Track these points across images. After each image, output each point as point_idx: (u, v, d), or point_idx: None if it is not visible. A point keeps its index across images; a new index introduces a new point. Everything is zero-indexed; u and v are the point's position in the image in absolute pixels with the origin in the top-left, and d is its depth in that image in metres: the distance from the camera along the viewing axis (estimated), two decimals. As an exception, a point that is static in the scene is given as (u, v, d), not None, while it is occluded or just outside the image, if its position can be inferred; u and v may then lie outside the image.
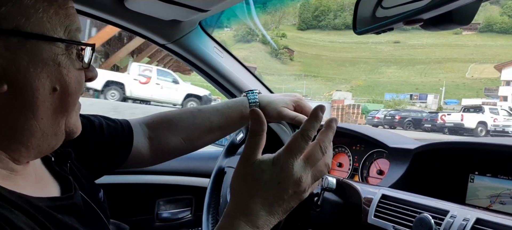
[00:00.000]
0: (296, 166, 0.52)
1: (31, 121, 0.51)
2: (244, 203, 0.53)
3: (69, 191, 0.61)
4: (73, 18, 0.55)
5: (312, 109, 0.55)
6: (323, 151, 0.55)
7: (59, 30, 0.52)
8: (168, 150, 0.92)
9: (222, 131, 0.96)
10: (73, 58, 0.54)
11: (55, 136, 0.55)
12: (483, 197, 0.91)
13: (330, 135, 0.56)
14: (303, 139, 0.52)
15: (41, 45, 0.50)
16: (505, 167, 0.90)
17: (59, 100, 0.53)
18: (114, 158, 0.85)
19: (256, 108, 0.54)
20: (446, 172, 1.01)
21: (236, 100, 0.97)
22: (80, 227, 0.56)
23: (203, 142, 0.96)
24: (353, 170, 1.25)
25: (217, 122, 0.94)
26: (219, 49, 1.35)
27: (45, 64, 0.50)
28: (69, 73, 0.53)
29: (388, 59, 76.35)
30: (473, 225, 0.72)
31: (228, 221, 0.52)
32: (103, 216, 0.67)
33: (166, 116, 0.94)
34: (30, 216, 0.48)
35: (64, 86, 0.53)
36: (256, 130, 0.53)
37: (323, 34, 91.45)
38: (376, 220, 0.88)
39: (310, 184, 0.55)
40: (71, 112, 0.56)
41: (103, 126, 0.82)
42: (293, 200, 0.54)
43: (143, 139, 0.90)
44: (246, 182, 0.53)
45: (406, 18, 0.54)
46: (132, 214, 1.49)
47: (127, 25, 1.19)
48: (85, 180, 0.69)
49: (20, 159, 0.53)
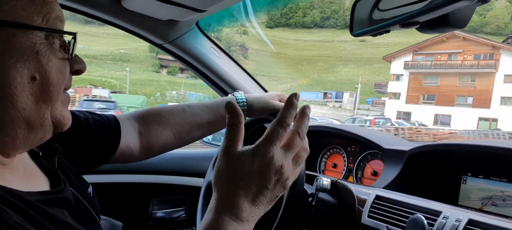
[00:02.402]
0: (277, 154, 0.52)
1: (11, 110, 0.50)
2: (227, 197, 0.52)
3: (58, 185, 0.60)
4: (52, 6, 0.53)
5: (287, 97, 0.56)
6: (301, 136, 0.55)
7: (36, 18, 0.51)
8: (158, 144, 0.93)
9: (211, 126, 0.99)
10: (55, 48, 0.53)
11: (42, 127, 0.54)
12: (476, 198, 0.93)
13: (306, 121, 0.57)
14: (281, 126, 0.53)
15: (16, 33, 0.49)
16: (497, 169, 0.91)
17: (39, 89, 0.52)
18: (102, 152, 0.85)
19: (231, 101, 0.54)
20: (439, 173, 1.02)
21: (225, 98, 1.02)
22: (72, 221, 0.56)
23: (192, 137, 0.98)
24: (347, 171, 1.26)
25: (207, 117, 0.97)
26: (216, 49, 1.36)
27: (21, 53, 0.49)
28: (49, 62, 0.52)
29: (348, 58, 74.55)
30: (465, 226, 0.73)
31: (212, 217, 0.52)
32: (93, 211, 0.66)
33: (157, 111, 0.95)
34: (20, 211, 0.47)
35: (44, 75, 0.51)
36: (233, 121, 0.53)
37: (291, 32, 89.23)
38: (370, 220, 0.89)
39: (292, 171, 0.55)
40: (55, 103, 0.55)
41: (89, 120, 0.82)
42: (277, 189, 0.54)
43: (133, 134, 0.90)
44: (227, 175, 0.53)
45: (402, 21, 0.54)
46: (126, 213, 1.48)
47: (124, 25, 1.19)
48: (73, 175, 0.69)
49: (7, 151, 0.52)
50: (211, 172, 1.22)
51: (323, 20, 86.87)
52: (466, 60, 34.88)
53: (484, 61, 33.84)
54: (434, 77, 36.48)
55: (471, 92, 34.21)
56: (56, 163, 0.66)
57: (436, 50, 36.57)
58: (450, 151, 1.01)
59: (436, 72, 36.16)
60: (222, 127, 1.02)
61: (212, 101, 1.00)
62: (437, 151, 1.02)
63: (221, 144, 0.55)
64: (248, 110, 1.01)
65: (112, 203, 1.38)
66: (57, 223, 0.52)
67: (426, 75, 36.86)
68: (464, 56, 35.24)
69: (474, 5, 0.47)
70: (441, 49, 36.77)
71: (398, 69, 38.39)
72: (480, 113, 32.40)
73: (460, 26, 0.51)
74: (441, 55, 36.47)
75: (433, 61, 36.53)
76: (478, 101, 33.23)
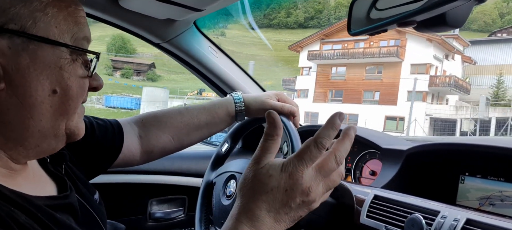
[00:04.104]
0: (306, 175, 0.50)
1: (29, 120, 0.51)
2: (249, 207, 0.51)
3: (65, 191, 0.61)
4: (82, 27, 0.55)
5: (330, 116, 0.53)
6: (338, 161, 0.52)
7: (66, 36, 0.53)
8: (158, 148, 0.94)
9: (209, 128, 0.99)
10: (78, 65, 0.55)
11: (55, 137, 0.55)
12: (473, 198, 0.93)
13: (347, 145, 0.53)
14: (316, 147, 0.50)
15: (44, 48, 0.51)
16: (495, 168, 0.91)
17: (59, 102, 0.53)
18: (106, 157, 0.85)
19: (273, 111, 0.52)
20: (437, 173, 1.02)
21: (222, 99, 1.02)
22: (77, 227, 0.56)
23: (191, 140, 0.98)
24: (346, 171, 1.26)
25: (204, 119, 0.97)
26: (214, 49, 1.35)
27: (46, 66, 0.51)
28: (70, 77, 0.54)
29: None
30: (464, 225, 0.73)
31: (231, 224, 0.51)
32: (98, 218, 0.67)
33: (155, 115, 0.96)
34: (30, 215, 0.48)
35: (65, 89, 0.53)
36: (271, 133, 0.52)
37: (273, 33, 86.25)
38: (368, 220, 0.89)
39: (321, 194, 0.52)
40: (72, 115, 0.56)
41: (93, 124, 0.83)
42: (301, 209, 0.51)
43: (134, 138, 0.91)
44: (253, 185, 0.51)
45: (399, 20, 0.54)
46: (124, 213, 1.48)
47: (121, 24, 1.19)
48: (79, 181, 0.69)
49: (18, 158, 0.54)
50: (210, 172, 1.22)
51: (306, 20, 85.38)
52: (370, 48, 28.72)
53: (386, 48, 27.93)
54: (341, 69, 30.52)
55: (378, 86, 28.55)
56: (63, 170, 0.67)
57: (343, 38, 29.82)
58: (447, 150, 1.01)
59: (342, 63, 29.95)
60: (220, 128, 1.02)
61: (209, 103, 1.00)
62: (435, 150, 1.02)
63: (255, 152, 0.53)
64: (246, 110, 1.01)
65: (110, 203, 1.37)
66: (63, 227, 0.53)
67: (333, 67, 30.79)
68: (370, 43, 28.67)
69: (471, 4, 0.47)
70: (348, 35, 31.71)
71: (306, 61, 31.98)
72: (387, 111, 27.15)
73: (457, 26, 0.50)
74: (347, 43, 29.99)
75: (341, 51, 29.99)
76: (385, 97, 27.81)
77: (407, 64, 27.54)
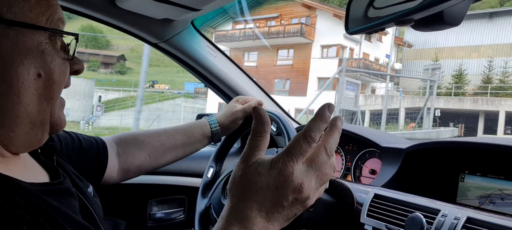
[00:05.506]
0: (297, 170, 0.47)
1: (17, 105, 0.53)
2: (239, 207, 0.48)
3: (58, 178, 0.63)
4: (55, 9, 0.57)
5: (319, 108, 0.50)
6: (328, 153, 0.50)
7: (41, 19, 0.54)
8: (135, 165, 0.98)
9: (185, 148, 1.05)
10: (57, 48, 0.57)
11: (42, 125, 0.57)
12: (473, 197, 0.92)
13: (335, 135, 0.51)
14: (306, 140, 0.48)
15: (24, 33, 0.52)
16: (495, 167, 0.91)
17: (43, 86, 0.55)
18: (93, 172, 0.89)
19: (259, 107, 0.51)
20: (437, 171, 1.02)
21: (198, 121, 1.10)
22: (68, 211, 0.56)
23: (166, 159, 1.03)
24: (345, 170, 1.26)
25: (180, 139, 1.04)
26: (211, 48, 1.35)
27: (29, 51, 0.53)
28: (53, 61, 0.56)
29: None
30: (464, 223, 0.73)
31: (222, 226, 0.48)
32: (92, 209, 0.67)
33: (133, 134, 1.02)
34: (25, 200, 0.49)
35: (49, 73, 0.55)
36: (257, 129, 0.49)
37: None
38: (369, 219, 0.89)
39: (315, 190, 0.50)
40: (55, 102, 0.58)
41: (80, 139, 0.88)
42: (295, 207, 0.49)
43: (113, 155, 0.95)
44: (242, 185, 0.49)
45: (397, 18, 0.54)
46: (124, 214, 1.47)
47: (118, 24, 1.18)
48: (72, 174, 0.71)
49: (10, 145, 0.55)
50: (201, 200, 1.22)
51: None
52: (276, 27, 23.69)
53: (291, 25, 22.73)
54: (253, 53, 24.89)
55: (289, 73, 23.43)
56: (55, 161, 0.68)
57: (254, 16, 25.15)
58: (447, 148, 1.01)
59: (253, 46, 24.42)
60: (196, 148, 1.09)
61: (186, 124, 1.08)
62: (434, 149, 1.02)
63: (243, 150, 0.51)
64: (221, 129, 1.08)
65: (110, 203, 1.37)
66: (58, 213, 0.54)
67: (245, 52, 25.11)
68: (281, 21, 24.05)
69: (468, 2, 0.47)
70: (258, 14, 24.95)
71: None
72: (296, 103, 19.62)
73: (455, 24, 0.50)
74: (259, 22, 25.11)
75: (251, 31, 24.29)
76: (295, 86, 22.58)
77: (317, 45, 22.52)
